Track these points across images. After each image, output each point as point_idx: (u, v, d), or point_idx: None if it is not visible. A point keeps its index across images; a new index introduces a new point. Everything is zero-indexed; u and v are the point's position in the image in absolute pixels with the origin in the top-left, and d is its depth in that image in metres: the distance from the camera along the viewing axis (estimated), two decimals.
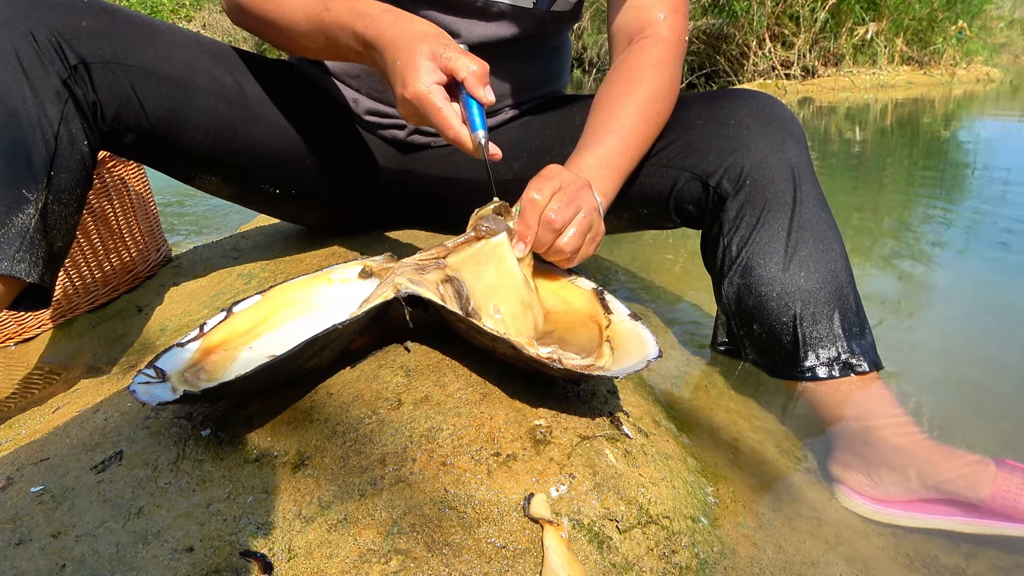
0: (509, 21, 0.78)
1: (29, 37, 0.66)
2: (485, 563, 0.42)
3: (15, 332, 0.99)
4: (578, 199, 0.61)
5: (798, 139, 0.74)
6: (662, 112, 0.75)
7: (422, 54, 0.58)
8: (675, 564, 0.47)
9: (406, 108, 0.60)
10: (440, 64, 0.59)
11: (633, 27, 0.79)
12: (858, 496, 0.65)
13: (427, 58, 0.58)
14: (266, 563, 0.44)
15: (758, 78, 4.87)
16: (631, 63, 0.77)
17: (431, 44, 0.59)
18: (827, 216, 0.73)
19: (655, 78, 0.75)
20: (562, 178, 0.62)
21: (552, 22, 0.82)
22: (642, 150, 0.74)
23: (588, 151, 0.71)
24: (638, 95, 0.74)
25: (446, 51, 0.58)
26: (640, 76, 0.75)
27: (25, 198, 0.65)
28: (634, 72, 0.76)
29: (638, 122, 0.73)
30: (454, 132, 0.58)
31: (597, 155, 0.70)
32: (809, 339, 0.69)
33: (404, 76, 0.58)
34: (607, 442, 0.53)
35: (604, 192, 0.68)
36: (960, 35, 5.02)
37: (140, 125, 0.75)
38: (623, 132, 0.72)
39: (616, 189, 0.71)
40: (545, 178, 0.61)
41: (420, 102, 0.58)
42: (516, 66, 0.85)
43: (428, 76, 0.58)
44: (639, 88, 0.74)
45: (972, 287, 1.24)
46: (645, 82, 0.75)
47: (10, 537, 0.46)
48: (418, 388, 0.56)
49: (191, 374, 0.55)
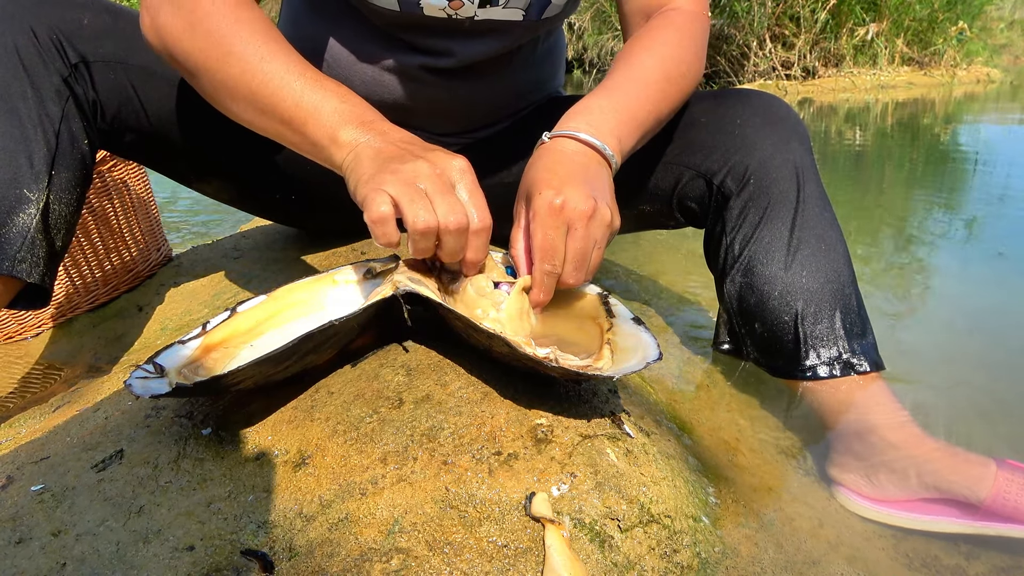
0: (500, 36, 0.76)
1: (30, 34, 0.65)
2: (486, 562, 0.42)
3: (15, 331, 0.99)
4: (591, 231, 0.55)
5: (802, 139, 0.74)
6: (687, 76, 0.69)
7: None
8: (676, 563, 0.47)
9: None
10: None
11: (651, 4, 0.75)
12: (857, 496, 0.65)
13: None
14: (267, 562, 0.43)
15: (758, 79, 4.88)
16: (651, 28, 0.71)
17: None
18: (830, 216, 0.73)
19: (679, 43, 0.69)
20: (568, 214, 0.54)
21: (544, 28, 0.81)
22: (662, 110, 0.67)
23: (602, 94, 0.64)
24: (660, 53, 0.68)
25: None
26: (663, 37, 0.69)
27: (26, 197, 0.65)
28: (655, 35, 0.70)
29: (659, 77, 0.66)
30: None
31: (613, 99, 0.63)
32: (810, 338, 0.69)
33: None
34: (608, 441, 0.53)
35: (619, 139, 0.61)
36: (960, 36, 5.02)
37: (140, 125, 0.75)
38: (643, 82, 0.65)
39: (633, 142, 0.64)
40: (551, 246, 0.54)
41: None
42: (510, 76, 0.83)
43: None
44: (662, 47, 0.68)
45: (973, 287, 1.24)
46: (669, 44, 0.69)
47: (10, 536, 0.46)
48: (419, 387, 0.56)
49: (190, 370, 0.55)
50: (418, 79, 0.77)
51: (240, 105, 0.59)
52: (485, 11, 0.71)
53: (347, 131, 0.55)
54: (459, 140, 0.86)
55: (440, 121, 0.83)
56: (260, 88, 0.57)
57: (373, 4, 0.70)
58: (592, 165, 0.60)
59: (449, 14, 0.71)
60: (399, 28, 0.74)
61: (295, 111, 0.56)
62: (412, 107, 0.80)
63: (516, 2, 0.72)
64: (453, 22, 0.72)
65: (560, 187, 0.55)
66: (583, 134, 0.60)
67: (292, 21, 0.83)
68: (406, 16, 0.71)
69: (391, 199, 0.50)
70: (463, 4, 0.70)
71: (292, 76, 0.56)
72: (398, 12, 0.70)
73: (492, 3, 0.71)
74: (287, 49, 0.58)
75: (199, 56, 0.58)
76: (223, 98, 0.60)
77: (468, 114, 0.84)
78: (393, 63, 0.76)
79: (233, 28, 0.57)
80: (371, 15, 0.73)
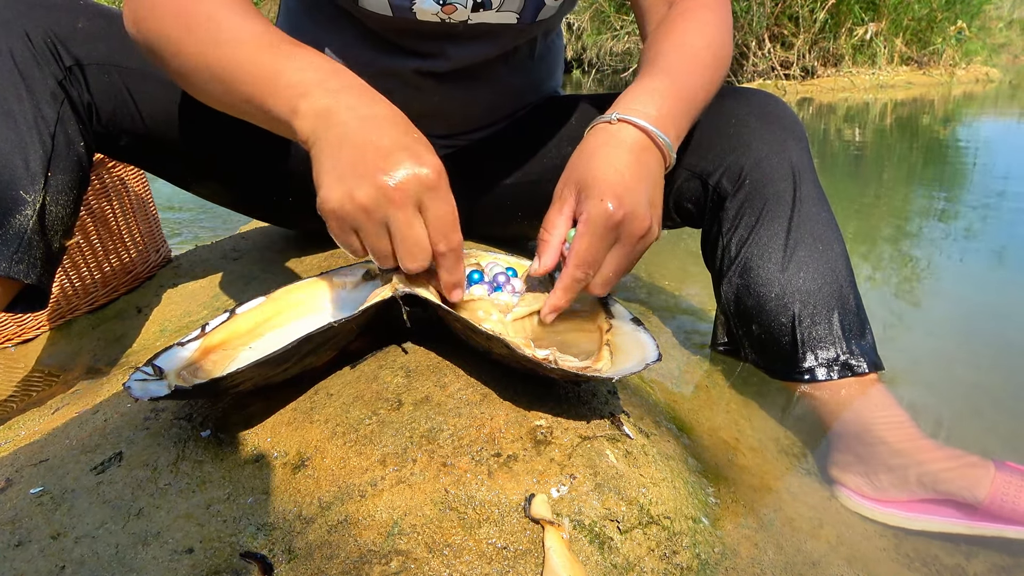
0: (495, 39, 0.76)
1: (24, 38, 0.65)
2: (486, 564, 0.42)
3: (14, 333, 0.99)
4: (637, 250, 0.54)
5: (799, 138, 0.74)
6: (726, 60, 0.66)
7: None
8: (676, 565, 0.47)
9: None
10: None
11: None
12: (857, 497, 0.65)
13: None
14: (266, 564, 0.43)
15: (757, 78, 4.88)
16: (691, 9, 0.68)
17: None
18: (827, 216, 0.73)
19: (719, 25, 0.67)
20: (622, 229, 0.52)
21: (540, 30, 0.81)
22: (710, 94, 0.64)
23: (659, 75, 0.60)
24: (708, 34, 0.65)
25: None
26: (705, 17, 0.67)
27: (23, 199, 0.65)
28: (698, 15, 0.67)
29: (709, 60, 0.63)
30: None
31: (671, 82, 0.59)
32: (808, 340, 0.69)
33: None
34: (608, 443, 0.53)
35: (677, 127, 0.59)
36: (959, 35, 5.03)
37: (136, 128, 0.75)
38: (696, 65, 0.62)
39: (687, 129, 0.61)
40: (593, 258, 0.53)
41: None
42: (507, 78, 0.83)
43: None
44: (708, 28, 0.66)
45: (972, 288, 1.24)
46: (712, 24, 0.66)
47: (9, 539, 0.46)
48: (418, 389, 0.56)
49: (188, 372, 0.55)
50: (413, 83, 0.77)
51: (204, 84, 0.54)
52: (479, 15, 0.71)
53: (307, 102, 0.49)
54: (455, 142, 0.86)
55: (436, 123, 0.83)
56: (218, 61, 0.52)
57: (366, 9, 0.70)
58: (652, 163, 0.57)
59: (442, 18, 0.70)
60: (393, 32, 0.73)
61: (253, 82, 0.51)
62: (406, 109, 0.80)
63: (510, 5, 0.71)
64: (446, 26, 0.72)
65: (622, 197, 0.52)
66: (646, 122, 0.57)
67: (288, 24, 0.83)
68: (399, 21, 0.71)
69: (352, 230, 0.49)
70: (456, 8, 0.69)
71: (250, 44, 0.51)
72: (391, 17, 0.70)
73: (486, 7, 0.70)
74: (249, 16, 0.53)
75: (162, 35, 0.55)
76: (188, 78, 0.55)
77: (464, 117, 0.84)
78: (387, 67, 0.76)
79: (194, 3, 0.54)
80: (364, 19, 0.72)
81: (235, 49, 0.51)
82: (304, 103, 0.49)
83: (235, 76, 0.51)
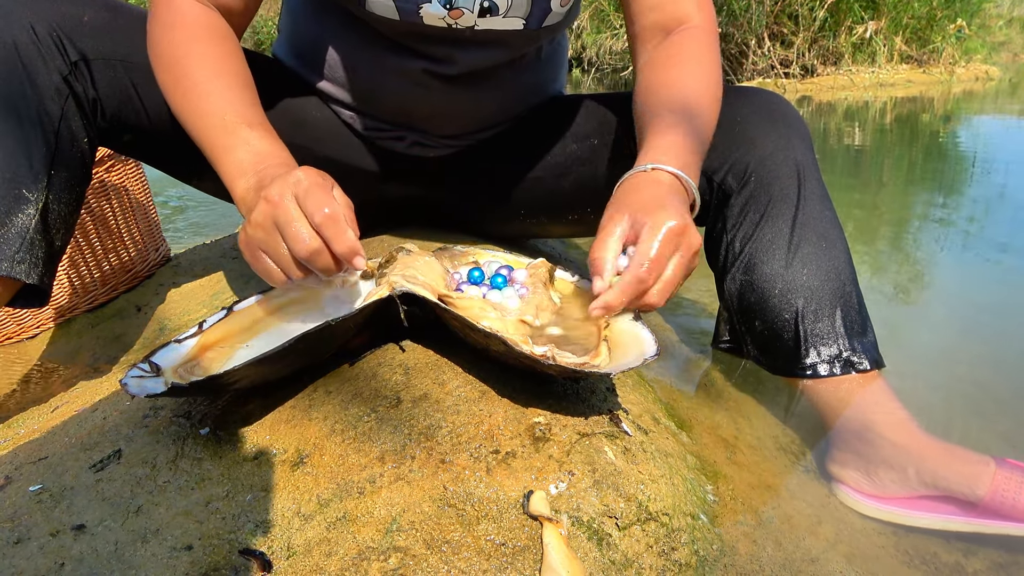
0: (502, 46, 0.76)
1: (30, 32, 0.65)
2: (484, 560, 0.42)
3: (14, 332, 0.99)
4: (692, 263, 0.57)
5: (803, 137, 0.74)
6: (720, 97, 0.70)
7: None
8: (674, 561, 0.47)
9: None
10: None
11: (670, 20, 0.74)
12: (857, 493, 0.65)
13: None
14: (265, 561, 0.43)
15: (757, 77, 4.87)
16: (687, 49, 0.71)
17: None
18: (831, 214, 0.73)
19: (713, 63, 0.71)
20: (683, 240, 0.56)
21: (545, 37, 0.81)
22: (713, 133, 0.69)
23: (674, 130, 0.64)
24: (706, 78, 0.69)
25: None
26: (700, 57, 0.70)
27: (25, 197, 0.64)
28: (695, 56, 0.71)
29: (710, 101, 0.68)
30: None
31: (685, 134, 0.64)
32: (811, 336, 0.69)
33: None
34: (606, 439, 0.53)
35: (695, 174, 0.64)
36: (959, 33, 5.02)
37: (140, 123, 0.75)
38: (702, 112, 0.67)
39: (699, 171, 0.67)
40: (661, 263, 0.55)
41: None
42: (513, 80, 0.83)
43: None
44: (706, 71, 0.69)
45: (972, 285, 1.23)
46: (707, 64, 0.70)
47: (9, 536, 0.46)
48: (417, 386, 0.56)
49: (185, 370, 0.54)
50: (421, 83, 0.77)
51: (186, 128, 0.64)
52: (485, 20, 0.71)
53: (243, 180, 0.59)
54: (460, 142, 0.86)
55: (442, 123, 0.83)
56: (192, 122, 0.63)
57: (373, 13, 0.70)
58: (687, 202, 0.61)
59: (449, 24, 0.70)
60: (401, 36, 0.74)
61: (212, 150, 0.61)
62: (414, 110, 0.80)
63: (516, 11, 0.71)
64: (453, 32, 0.72)
65: (684, 215, 0.56)
66: (677, 169, 0.61)
67: (292, 22, 0.83)
68: (406, 25, 0.71)
69: (261, 252, 0.54)
70: (463, 13, 0.70)
71: (215, 118, 0.61)
72: (398, 21, 0.70)
73: (492, 13, 0.71)
74: (228, 89, 0.63)
75: (160, 78, 0.65)
76: (176, 116, 0.65)
77: (470, 117, 0.84)
78: (395, 66, 0.76)
79: (184, 64, 0.63)
80: (372, 23, 0.72)
81: (203, 122, 0.62)
82: (241, 181, 0.58)
83: (201, 143, 0.62)
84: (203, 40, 0.64)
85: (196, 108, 0.62)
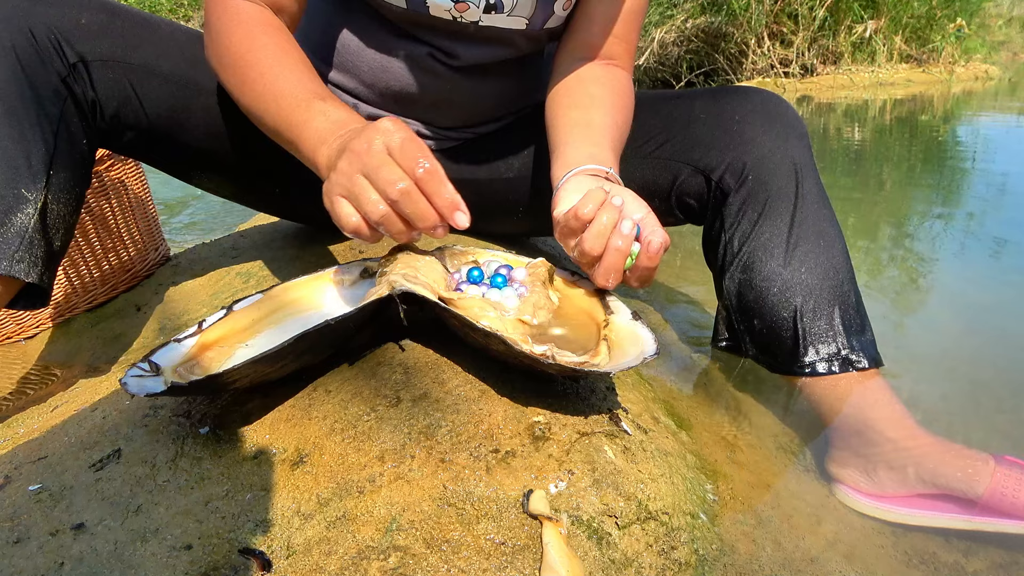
0: (504, 43, 0.77)
1: (28, 34, 0.65)
2: (484, 559, 0.42)
3: (14, 331, 0.99)
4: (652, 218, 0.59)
5: (801, 136, 0.74)
6: (629, 121, 0.76)
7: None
8: (674, 560, 0.47)
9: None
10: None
11: (599, 50, 0.78)
12: (856, 493, 0.65)
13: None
14: (265, 560, 0.43)
15: (757, 76, 4.87)
16: (612, 79, 0.76)
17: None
18: (828, 213, 0.73)
19: (629, 95, 0.77)
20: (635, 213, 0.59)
21: (547, 38, 0.82)
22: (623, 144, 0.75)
23: (593, 139, 0.69)
24: (621, 104, 0.74)
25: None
26: (619, 88, 0.76)
27: (24, 197, 0.65)
28: (616, 86, 0.76)
29: (622, 123, 0.73)
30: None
31: (604, 143, 0.68)
32: (809, 334, 0.69)
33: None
34: (606, 438, 0.53)
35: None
36: (959, 33, 5.02)
37: (140, 123, 0.75)
38: (616, 129, 0.71)
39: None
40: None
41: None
42: (516, 75, 0.84)
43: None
44: (621, 100, 0.74)
45: (971, 284, 1.24)
46: (623, 95, 0.75)
47: (8, 536, 0.46)
48: (417, 385, 0.56)
49: (185, 369, 0.54)
50: (426, 68, 0.77)
51: (259, 124, 0.66)
52: (490, 17, 0.72)
53: (325, 147, 0.59)
54: (461, 134, 0.87)
55: (444, 114, 0.83)
56: (266, 112, 0.64)
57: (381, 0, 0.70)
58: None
59: (454, 16, 0.71)
60: (407, 23, 0.74)
61: (289, 130, 0.62)
62: (417, 97, 0.80)
63: (521, 11, 0.72)
64: (458, 25, 0.73)
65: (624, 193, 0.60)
66: (603, 166, 0.65)
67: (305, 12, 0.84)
68: (412, 14, 0.72)
69: (347, 202, 0.54)
70: (469, 7, 0.70)
71: (288, 99, 0.62)
72: (404, 9, 0.71)
73: (497, 10, 0.71)
74: (294, 71, 0.64)
75: (226, 81, 0.67)
76: (249, 116, 0.67)
77: (472, 108, 0.84)
78: (402, 51, 0.77)
79: (249, 58, 0.64)
80: (379, 8, 0.73)
81: (277, 104, 0.62)
82: (323, 148, 0.58)
83: (277, 125, 0.63)
84: (262, 34, 0.65)
85: (266, 93, 0.63)
